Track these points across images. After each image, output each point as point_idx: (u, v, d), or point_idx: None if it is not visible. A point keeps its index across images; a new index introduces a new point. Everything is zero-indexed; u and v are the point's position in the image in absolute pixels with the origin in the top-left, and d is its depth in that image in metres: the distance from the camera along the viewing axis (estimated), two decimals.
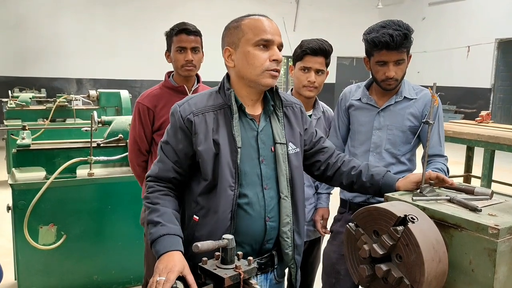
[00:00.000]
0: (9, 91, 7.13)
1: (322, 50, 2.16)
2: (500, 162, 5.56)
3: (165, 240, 1.39)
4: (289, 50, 3.50)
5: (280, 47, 1.51)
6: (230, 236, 1.13)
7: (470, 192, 1.49)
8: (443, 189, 1.56)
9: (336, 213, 2.37)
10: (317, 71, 2.18)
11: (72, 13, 10.74)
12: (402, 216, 1.21)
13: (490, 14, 11.33)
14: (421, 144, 2.17)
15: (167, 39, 2.38)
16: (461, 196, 1.42)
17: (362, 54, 2.14)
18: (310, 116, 2.27)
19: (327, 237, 2.39)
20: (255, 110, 1.58)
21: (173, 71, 2.46)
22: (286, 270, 1.69)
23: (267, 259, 1.57)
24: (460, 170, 5.24)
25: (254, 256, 1.37)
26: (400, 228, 1.20)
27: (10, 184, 2.95)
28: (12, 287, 3.22)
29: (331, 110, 2.42)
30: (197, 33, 2.35)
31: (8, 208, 2.98)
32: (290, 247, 1.56)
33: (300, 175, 1.61)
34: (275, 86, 1.57)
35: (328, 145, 1.75)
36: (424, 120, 1.53)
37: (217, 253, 1.17)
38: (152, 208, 1.49)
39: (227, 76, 1.58)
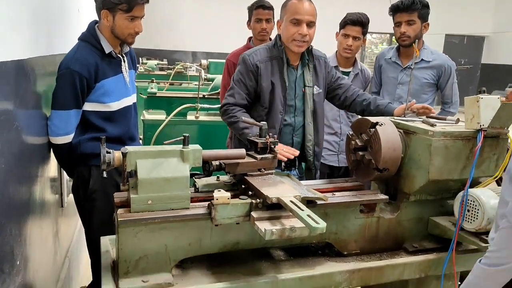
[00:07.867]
0: (140, 59, 8.69)
1: (359, 21, 2.80)
2: None
3: None
4: None
5: (309, 23, 2.19)
6: (263, 122, 1.93)
7: (443, 119, 2.10)
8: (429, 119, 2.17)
9: None
10: (354, 38, 2.84)
11: None
12: (375, 122, 1.91)
13: None
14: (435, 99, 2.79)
15: (248, 12, 3.23)
16: (433, 120, 2.04)
17: (474, 32, 2.83)
18: (349, 72, 2.97)
19: None
20: (295, 61, 2.36)
21: (252, 36, 3.31)
22: None
23: (292, 160, 2.24)
24: None
25: None
26: (372, 129, 1.90)
27: (142, 120, 4.10)
28: None
29: (369, 70, 3.08)
30: (270, 8, 3.16)
31: (140, 138, 4.13)
32: (311, 156, 2.36)
33: (321, 108, 2.38)
34: (310, 45, 2.29)
35: (344, 82, 2.45)
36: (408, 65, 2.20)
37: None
38: (242, 120, 2.27)
39: (279, 36, 2.33)
